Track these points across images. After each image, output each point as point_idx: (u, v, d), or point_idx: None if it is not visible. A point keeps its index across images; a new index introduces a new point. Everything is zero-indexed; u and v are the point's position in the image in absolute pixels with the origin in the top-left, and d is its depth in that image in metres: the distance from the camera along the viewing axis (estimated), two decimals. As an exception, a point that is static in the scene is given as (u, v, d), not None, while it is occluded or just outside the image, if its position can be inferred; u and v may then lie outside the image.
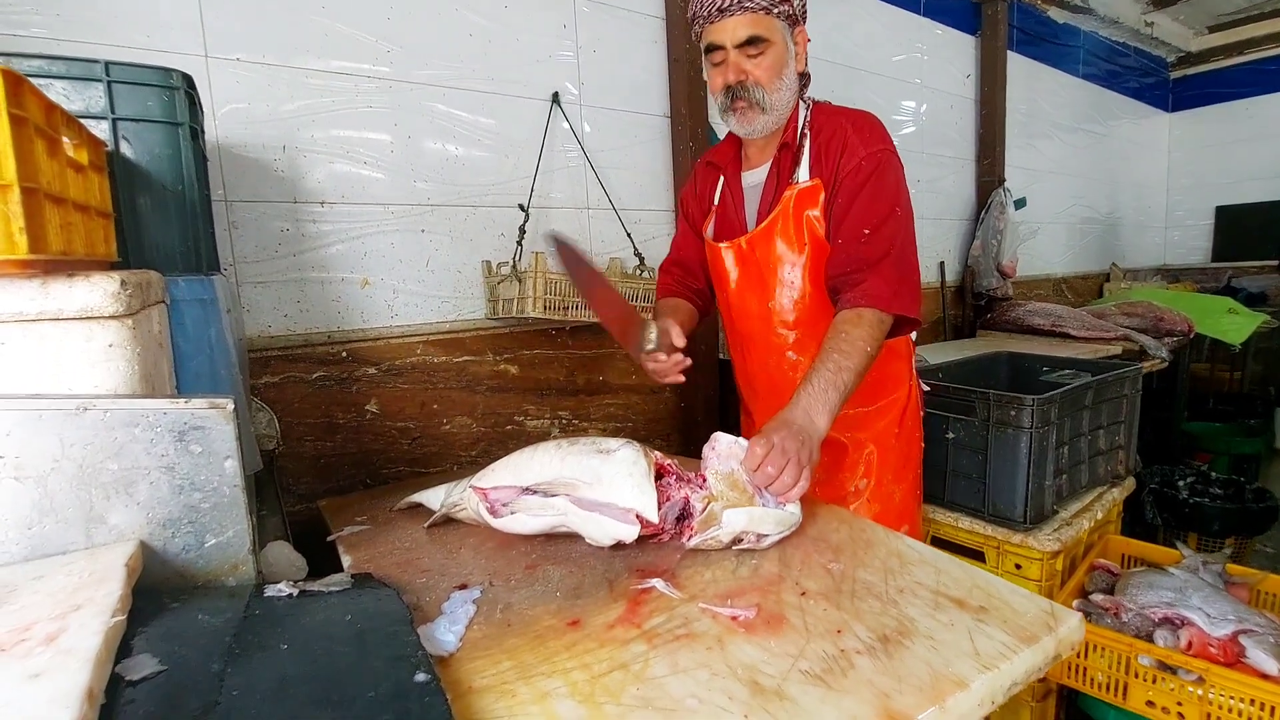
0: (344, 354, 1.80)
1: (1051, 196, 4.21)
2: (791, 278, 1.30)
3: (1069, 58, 4.16)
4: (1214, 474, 2.79)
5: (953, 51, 3.42)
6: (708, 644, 0.72)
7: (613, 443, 1.01)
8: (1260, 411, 3.81)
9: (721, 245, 1.37)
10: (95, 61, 0.99)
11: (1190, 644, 1.44)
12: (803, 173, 1.26)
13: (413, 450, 1.94)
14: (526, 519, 0.91)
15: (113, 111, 1.01)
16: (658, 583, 0.84)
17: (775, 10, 1.18)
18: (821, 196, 1.24)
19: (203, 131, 1.21)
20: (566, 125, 2.09)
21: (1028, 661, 0.73)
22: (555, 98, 2.05)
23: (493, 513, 0.94)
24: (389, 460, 1.90)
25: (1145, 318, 3.11)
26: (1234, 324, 3.34)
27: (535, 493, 0.97)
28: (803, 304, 1.31)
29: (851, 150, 1.22)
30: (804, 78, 1.31)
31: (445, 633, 0.73)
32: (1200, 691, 1.38)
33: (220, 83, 1.58)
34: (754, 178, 1.36)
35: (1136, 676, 1.46)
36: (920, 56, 3.29)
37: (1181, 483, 2.72)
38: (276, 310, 1.71)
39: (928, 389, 1.66)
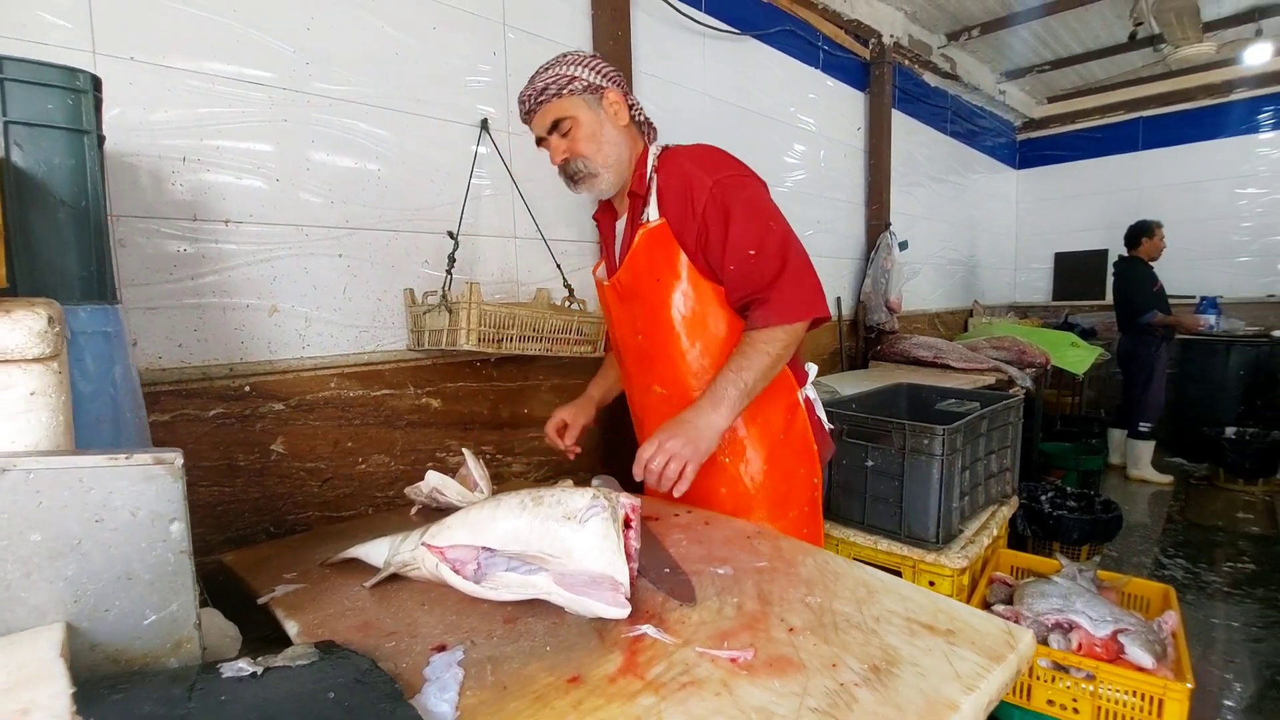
0: (247, 388, 1.63)
1: (925, 240, 4.67)
2: (651, 308, 1.35)
3: (938, 117, 4.67)
4: (1068, 488, 3.17)
5: (846, 105, 3.73)
6: (715, 689, 0.71)
7: (579, 500, 0.93)
8: (1097, 432, 4.39)
9: (605, 283, 1.46)
10: (-14, 56, 0.85)
11: (1080, 645, 1.62)
12: (651, 213, 1.32)
13: (324, 493, 1.78)
14: (505, 594, 0.86)
15: (4, 114, 0.87)
16: (649, 629, 0.82)
17: (566, 90, 1.31)
18: (669, 235, 1.29)
19: (105, 139, 1.07)
20: (495, 152, 2.05)
21: (1000, 679, 0.78)
22: (484, 124, 2.01)
23: (459, 574, 0.88)
24: (297, 505, 1.73)
25: (1010, 350, 3.50)
26: (1077, 356, 3.85)
27: (495, 552, 0.92)
28: (660, 339, 1.36)
29: (698, 183, 1.26)
30: (644, 128, 1.41)
31: (438, 702, 0.67)
32: (1091, 688, 1.54)
33: (110, 84, 1.39)
34: (621, 225, 1.45)
35: (1038, 679, 1.61)
36: (816, 108, 3.55)
37: (1044, 498, 3.06)
38: (169, 339, 1.53)
39: (830, 427, 1.54)
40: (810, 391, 1.47)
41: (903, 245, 3.80)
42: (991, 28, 4.10)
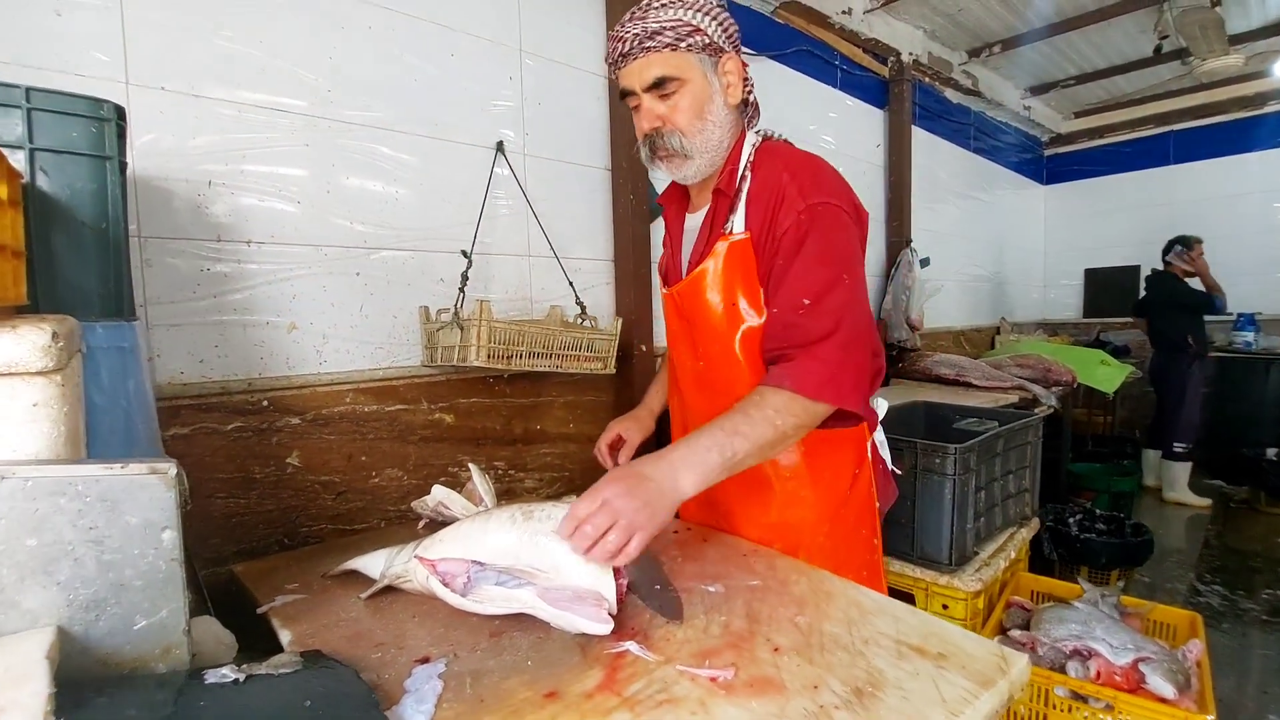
0: (265, 403, 1.68)
1: (949, 256, 4.61)
2: (718, 337, 1.14)
3: (961, 133, 4.63)
4: (1098, 511, 3.06)
5: (864, 123, 3.73)
6: (691, 708, 0.71)
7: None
8: (1130, 453, 4.25)
9: (664, 290, 1.28)
10: (15, 86, 0.91)
11: (1099, 674, 1.56)
12: (737, 223, 1.11)
13: (337, 506, 1.82)
14: (490, 607, 0.87)
15: (30, 141, 0.93)
16: (632, 645, 0.82)
17: (684, 44, 1.05)
18: (752, 253, 1.09)
19: (127, 165, 1.13)
20: (510, 173, 2.09)
21: (989, 705, 0.76)
22: (500, 146, 2.06)
23: (449, 587, 0.89)
24: (310, 517, 1.77)
25: (1035, 369, 3.42)
26: (1107, 374, 3.74)
27: (484, 566, 0.93)
28: (729, 368, 1.14)
29: (789, 203, 1.05)
30: (749, 108, 1.17)
31: (414, 714, 0.68)
32: (1110, 718, 1.48)
33: (141, 111, 1.48)
34: (694, 220, 1.23)
35: (1054, 708, 1.55)
36: (835, 126, 3.55)
37: (1071, 520, 2.97)
38: (191, 355, 1.58)
39: (899, 472, 1.43)
40: (879, 434, 1.28)
41: (924, 262, 3.76)
42: (1013, 44, 4.07)
